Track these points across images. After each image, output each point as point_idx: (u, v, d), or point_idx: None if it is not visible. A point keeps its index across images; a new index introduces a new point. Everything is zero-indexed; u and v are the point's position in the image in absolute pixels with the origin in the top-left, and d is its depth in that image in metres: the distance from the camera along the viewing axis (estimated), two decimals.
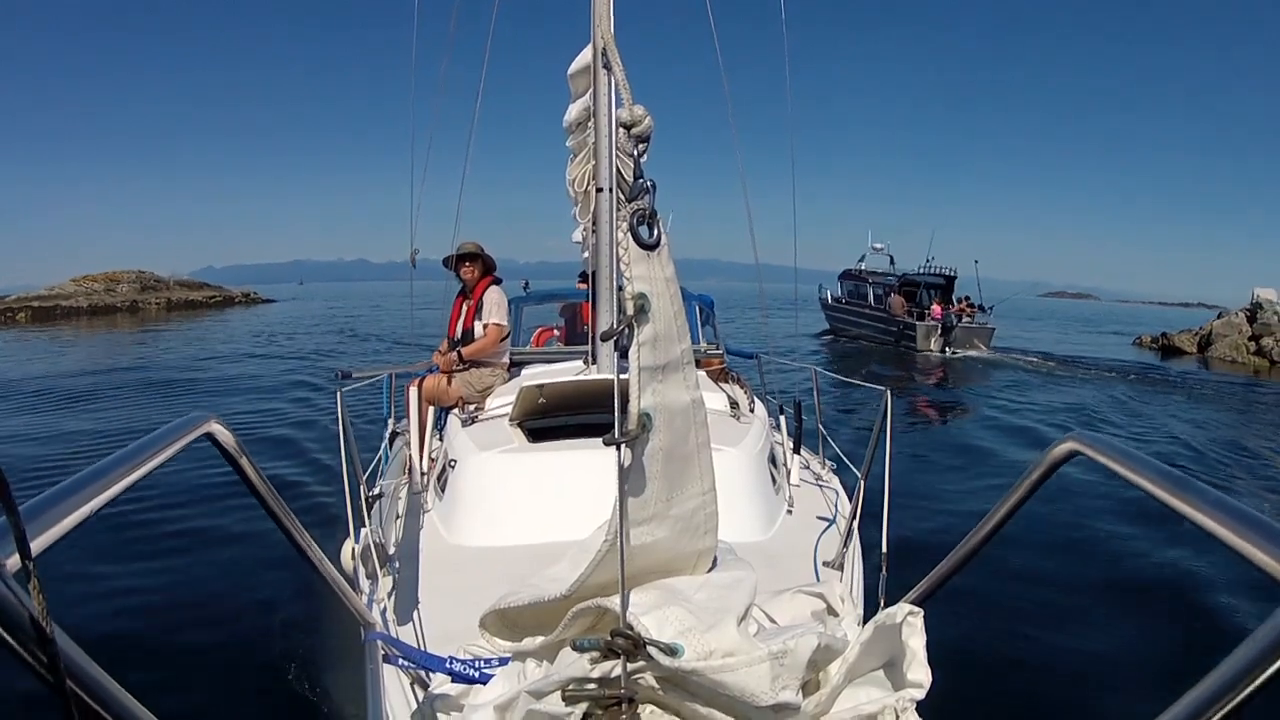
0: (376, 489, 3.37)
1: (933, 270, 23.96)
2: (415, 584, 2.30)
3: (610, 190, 3.19)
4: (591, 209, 3.51)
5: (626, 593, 1.08)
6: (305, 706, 3.03)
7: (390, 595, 2.22)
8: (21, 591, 0.64)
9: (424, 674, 1.56)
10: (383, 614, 2.10)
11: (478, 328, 4.43)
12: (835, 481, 3.71)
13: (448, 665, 1.33)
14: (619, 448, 1.09)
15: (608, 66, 1.62)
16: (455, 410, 3.92)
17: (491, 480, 2.86)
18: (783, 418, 4.05)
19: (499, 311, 4.43)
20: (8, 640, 0.63)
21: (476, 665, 1.31)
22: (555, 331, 6.59)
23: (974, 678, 3.24)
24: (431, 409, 4.27)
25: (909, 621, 1.13)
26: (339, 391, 2.82)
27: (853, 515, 2.75)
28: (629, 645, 1.00)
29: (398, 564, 2.47)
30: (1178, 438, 9.61)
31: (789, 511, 3.09)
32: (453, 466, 3.04)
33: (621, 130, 1.20)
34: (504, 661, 1.27)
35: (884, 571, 2.43)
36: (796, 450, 3.81)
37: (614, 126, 3.03)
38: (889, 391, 2.91)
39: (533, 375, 3.98)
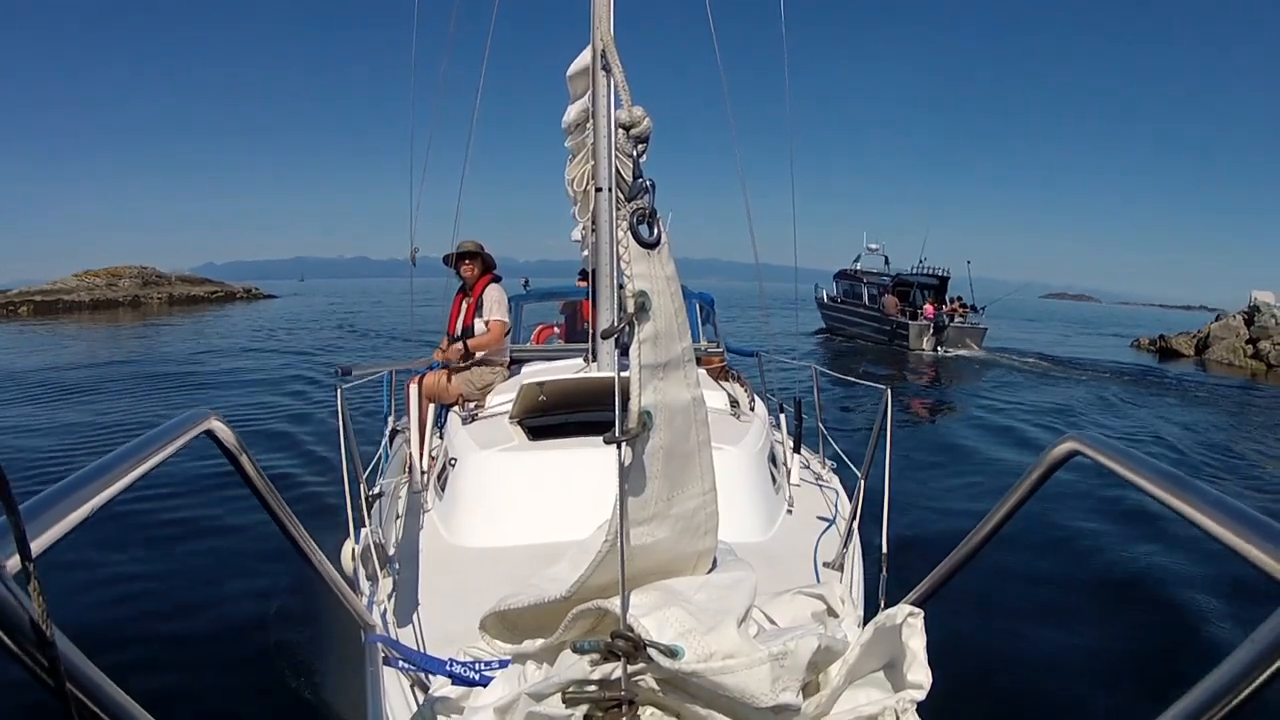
0: (376, 488, 3.36)
1: (926, 271, 24.26)
2: (415, 585, 2.29)
3: (610, 190, 3.18)
4: (591, 208, 3.50)
5: (627, 594, 1.08)
6: (305, 707, 3.02)
7: (390, 596, 2.21)
8: (22, 594, 0.63)
9: (424, 676, 1.55)
10: (383, 615, 2.10)
11: (478, 325, 4.43)
12: (835, 481, 3.70)
13: (448, 667, 1.32)
14: (620, 445, 1.09)
15: (607, 68, 1.62)
16: (455, 408, 3.91)
17: (491, 478, 2.85)
18: (783, 416, 4.04)
19: (499, 308, 4.43)
20: (7, 643, 0.62)
21: (476, 667, 1.30)
22: (555, 329, 6.59)
23: (974, 678, 3.24)
24: (432, 406, 4.26)
25: (909, 623, 1.12)
26: (339, 389, 2.79)
27: (853, 515, 2.74)
28: (629, 647, 1.00)
29: (398, 564, 2.46)
30: (1163, 438, 9.58)
31: (789, 511, 3.08)
32: (453, 465, 3.03)
33: (621, 131, 1.20)
34: (504, 664, 1.27)
35: (884, 572, 2.42)
36: (797, 449, 3.79)
37: (613, 127, 3.02)
38: (889, 390, 2.90)
39: (533, 373, 3.97)
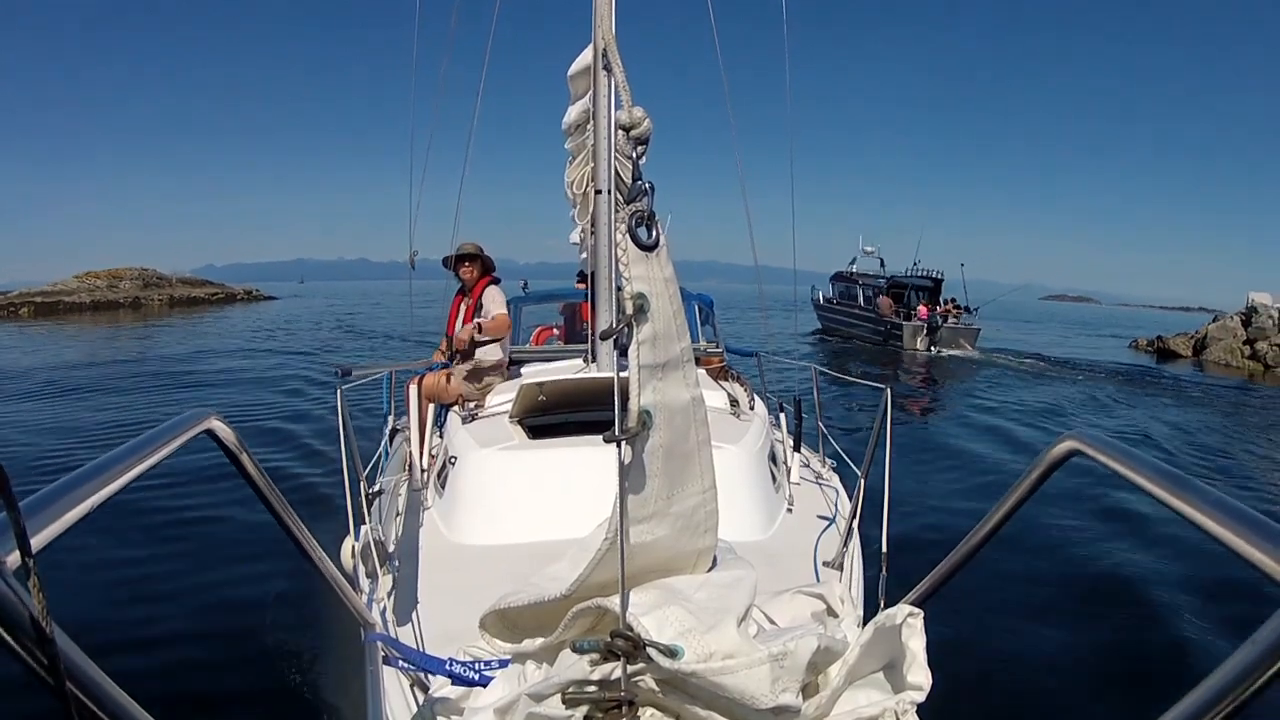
0: (376, 486, 3.36)
1: (920, 273, 24.71)
2: (415, 583, 2.29)
3: (609, 192, 3.18)
4: (590, 211, 3.51)
5: (626, 593, 1.08)
6: (304, 705, 3.02)
7: (390, 594, 2.21)
8: (22, 590, 0.63)
9: (424, 676, 1.55)
10: (382, 613, 2.09)
11: None
12: (835, 480, 3.70)
13: (447, 667, 1.32)
14: (619, 444, 1.09)
15: (608, 68, 1.62)
16: (455, 407, 3.91)
17: (491, 477, 2.85)
18: (782, 416, 4.05)
19: (499, 304, 4.44)
20: (7, 640, 0.62)
21: (476, 667, 1.30)
22: (555, 331, 6.59)
23: (974, 678, 3.24)
24: (431, 406, 4.27)
25: (909, 623, 1.12)
26: (339, 389, 2.80)
27: (853, 514, 2.74)
28: (629, 647, 1.00)
29: (397, 562, 2.46)
30: (1151, 437, 9.59)
31: (789, 510, 3.08)
32: (453, 463, 3.03)
33: (620, 132, 1.20)
34: (504, 663, 1.27)
35: (884, 571, 2.42)
36: (796, 448, 3.80)
37: (613, 128, 3.02)
38: (889, 390, 2.90)
39: (533, 373, 3.97)
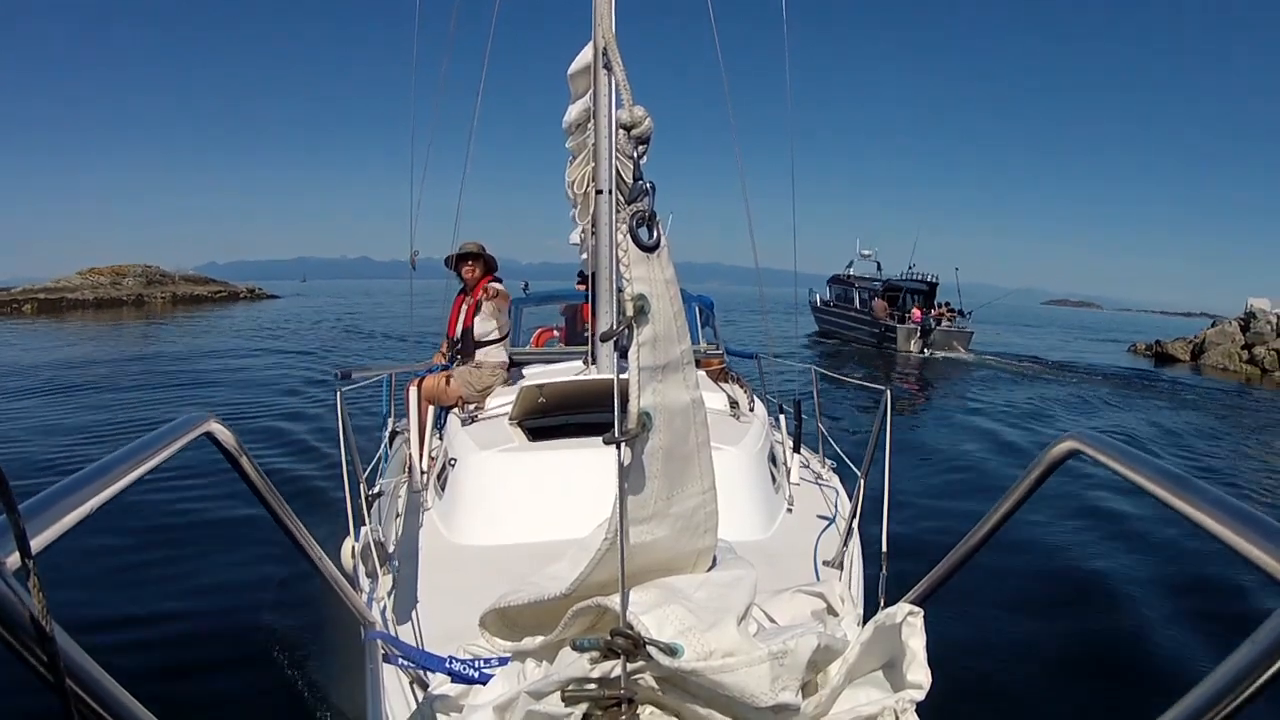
0: (376, 487, 3.37)
1: (915, 277, 25.12)
2: (415, 582, 2.30)
3: (610, 192, 3.18)
4: (591, 211, 3.51)
5: (626, 591, 1.08)
6: (304, 704, 3.02)
7: (390, 594, 2.22)
8: (22, 590, 0.63)
9: (424, 674, 1.55)
10: (382, 613, 2.10)
11: (478, 326, 4.43)
12: (835, 480, 3.71)
13: (447, 665, 1.32)
14: (619, 446, 1.09)
15: (608, 67, 1.62)
16: (455, 409, 3.91)
17: (491, 479, 2.86)
18: (782, 417, 4.05)
19: (500, 301, 4.44)
20: (7, 639, 0.62)
21: (476, 665, 1.31)
22: (555, 332, 6.59)
23: (974, 678, 3.24)
24: (431, 408, 4.27)
25: (909, 622, 1.12)
26: (339, 391, 2.81)
27: (852, 514, 2.75)
28: (629, 645, 1.00)
29: (397, 562, 2.47)
30: (1135, 436, 9.60)
31: (789, 510, 3.08)
32: (452, 465, 3.04)
33: (621, 132, 1.20)
34: (503, 661, 1.27)
35: (884, 570, 2.42)
36: (796, 449, 3.81)
37: (614, 128, 3.02)
38: (889, 391, 2.90)
39: (533, 375, 3.98)
